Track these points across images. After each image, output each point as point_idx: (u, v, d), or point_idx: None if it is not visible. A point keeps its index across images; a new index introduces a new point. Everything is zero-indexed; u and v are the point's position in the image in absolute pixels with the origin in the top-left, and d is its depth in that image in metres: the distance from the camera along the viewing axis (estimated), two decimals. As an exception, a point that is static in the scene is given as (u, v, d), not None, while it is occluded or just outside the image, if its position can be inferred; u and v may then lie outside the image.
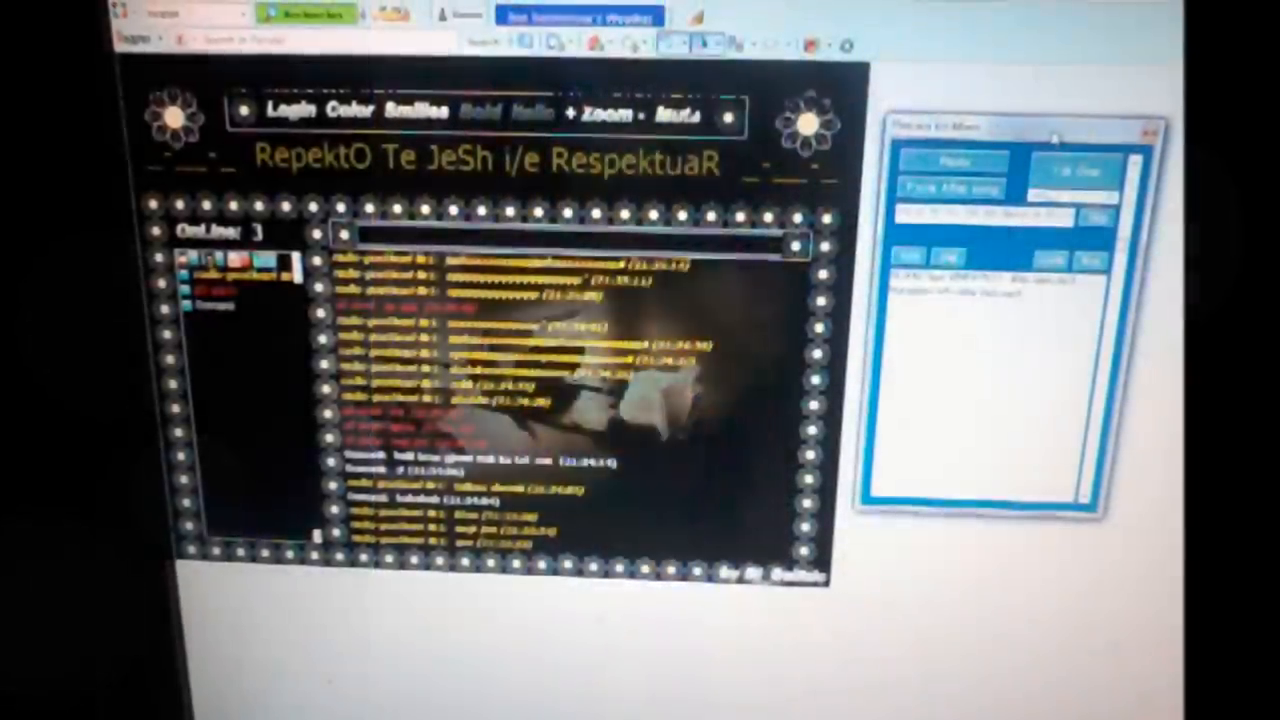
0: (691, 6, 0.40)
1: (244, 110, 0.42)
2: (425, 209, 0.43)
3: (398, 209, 0.43)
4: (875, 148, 0.41)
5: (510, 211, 0.43)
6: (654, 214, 0.43)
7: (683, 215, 0.42)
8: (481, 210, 0.43)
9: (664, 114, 0.41)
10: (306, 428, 0.46)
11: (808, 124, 0.41)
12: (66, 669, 0.48)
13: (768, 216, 0.42)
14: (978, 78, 0.40)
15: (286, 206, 0.43)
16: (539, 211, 0.43)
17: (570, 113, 0.41)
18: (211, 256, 0.44)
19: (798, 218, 0.42)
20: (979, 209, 0.42)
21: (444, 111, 0.42)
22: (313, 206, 0.43)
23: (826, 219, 0.42)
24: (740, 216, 0.42)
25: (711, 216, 0.42)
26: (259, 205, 0.43)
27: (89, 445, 0.46)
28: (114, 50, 0.42)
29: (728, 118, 0.41)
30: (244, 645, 0.50)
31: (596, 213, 0.43)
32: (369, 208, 0.43)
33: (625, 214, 0.43)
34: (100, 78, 0.42)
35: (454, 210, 0.43)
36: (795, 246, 0.43)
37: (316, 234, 0.44)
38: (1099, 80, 0.40)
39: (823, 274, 0.43)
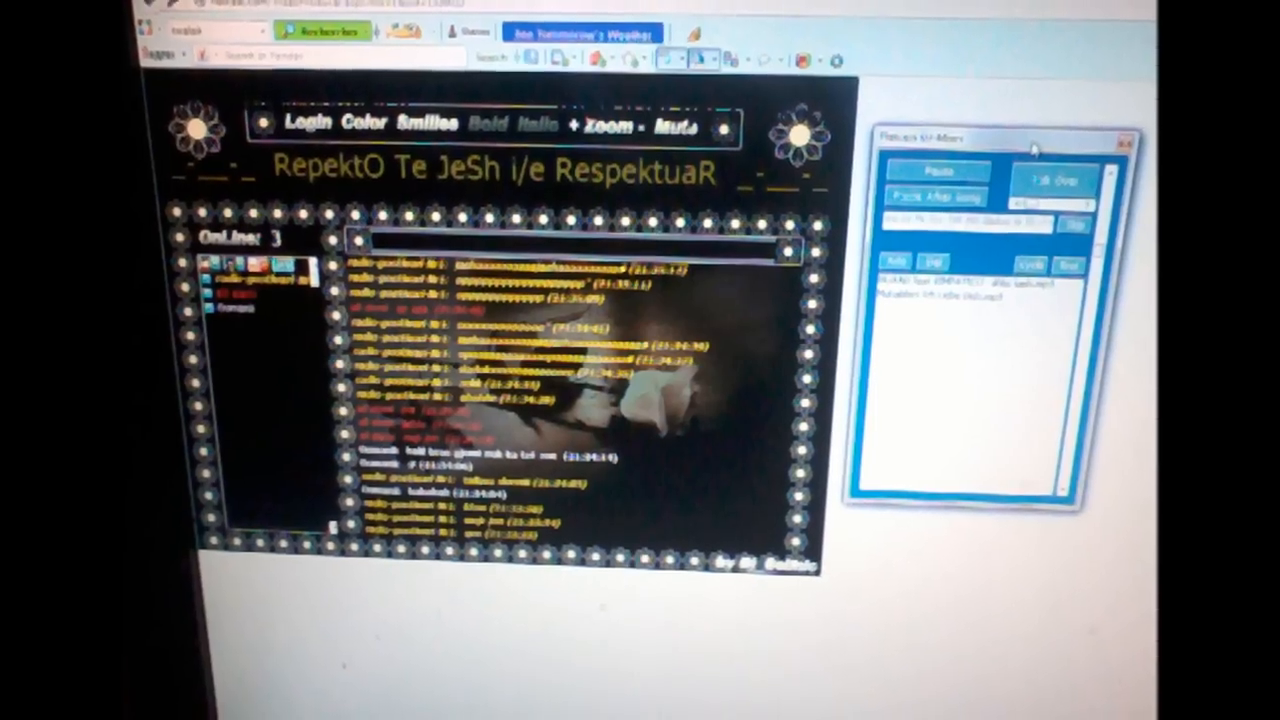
0: (689, 24, 0.41)
1: (263, 122, 0.43)
2: (436, 216, 0.44)
3: (409, 216, 0.44)
4: (864, 158, 0.42)
5: (516, 219, 0.44)
6: (653, 221, 0.43)
7: (681, 222, 0.43)
8: (489, 217, 0.44)
9: (663, 126, 0.42)
10: (322, 425, 0.47)
11: (799, 135, 0.42)
12: (94, 653, 0.49)
13: (761, 223, 0.43)
14: (961, 91, 0.41)
15: (304, 214, 0.44)
16: (544, 219, 0.44)
17: (574, 125, 0.42)
18: (232, 261, 0.45)
19: (790, 225, 0.43)
20: (962, 216, 0.42)
21: (454, 123, 0.42)
22: (329, 214, 0.44)
23: (817, 226, 0.43)
24: (735, 223, 0.43)
25: (708, 223, 0.43)
26: (277, 213, 0.44)
27: (116, 441, 0.45)
28: (140, 65, 0.42)
29: (723, 130, 0.42)
30: (263, 631, 0.50)
31: (599, 220, 0.43)
32: (382, 215, 0.44)
33: (626, 221, 0.43)
34: (126, 92, 0.42)
35: (463, 217, 0.44)
36: (788, 252, 0.43)
37: (332, 240, 0.44)
38: (1076, 94, 0.40)
39: (814, 278, 0.44)
